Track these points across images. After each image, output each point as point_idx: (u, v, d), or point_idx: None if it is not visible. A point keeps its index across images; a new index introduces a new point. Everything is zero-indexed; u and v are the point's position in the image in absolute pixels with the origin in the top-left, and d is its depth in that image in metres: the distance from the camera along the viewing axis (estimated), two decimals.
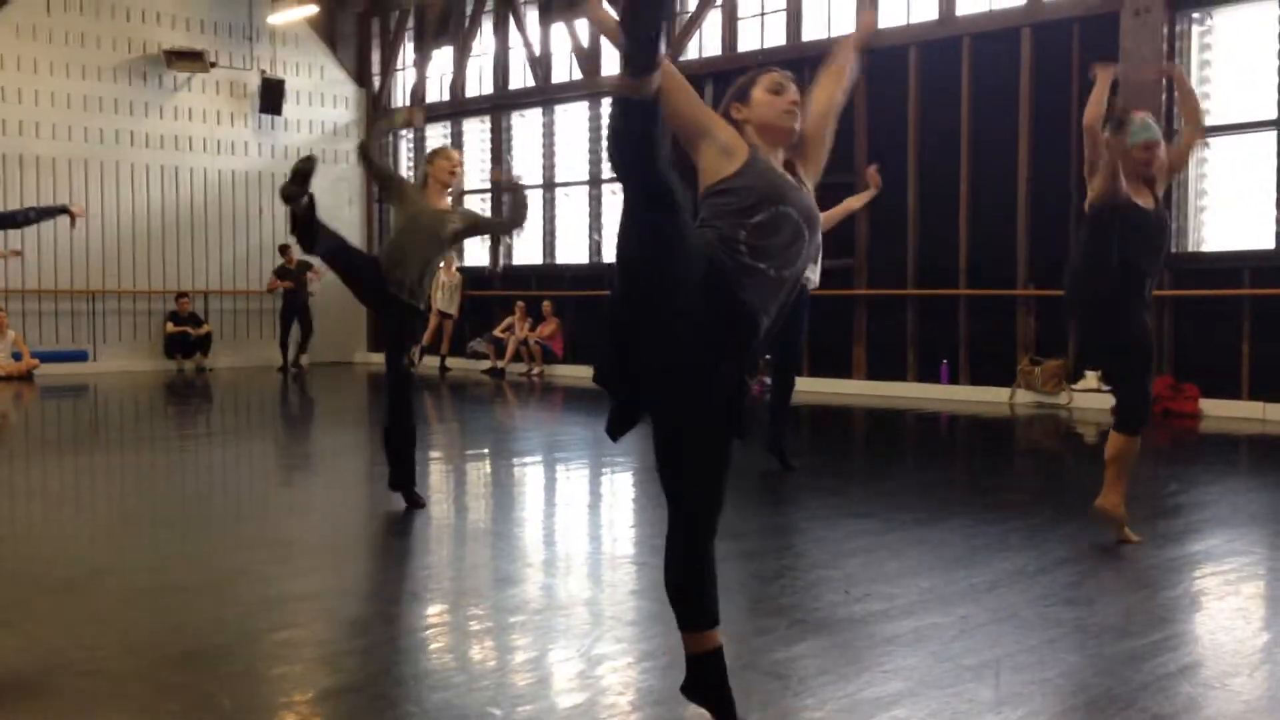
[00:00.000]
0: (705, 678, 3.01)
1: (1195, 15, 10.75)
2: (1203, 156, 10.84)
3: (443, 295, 16.14)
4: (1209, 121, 10.76)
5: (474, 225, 6.47)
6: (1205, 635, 4.02)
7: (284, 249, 16.75)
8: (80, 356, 15.91)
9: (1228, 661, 3.62)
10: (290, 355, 16.54)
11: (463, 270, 16.59)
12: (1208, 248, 10.81)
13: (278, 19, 17.09)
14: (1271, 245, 10.28)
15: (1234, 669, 3.53)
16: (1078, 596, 4.34)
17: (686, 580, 3.02)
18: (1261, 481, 7.50)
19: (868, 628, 3.90)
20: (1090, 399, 10.87)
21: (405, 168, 18.45)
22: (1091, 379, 11.12)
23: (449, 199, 6.38)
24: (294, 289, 16.42)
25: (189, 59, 16.35)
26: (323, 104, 18.04)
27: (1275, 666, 3.63)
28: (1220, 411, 10.27)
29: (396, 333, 6.08)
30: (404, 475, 6.11)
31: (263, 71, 17.09)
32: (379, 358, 17.37)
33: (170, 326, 16.39)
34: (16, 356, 14.75)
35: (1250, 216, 10.50)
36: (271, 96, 17.04)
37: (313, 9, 17.05)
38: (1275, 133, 10.24)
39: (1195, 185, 10.86)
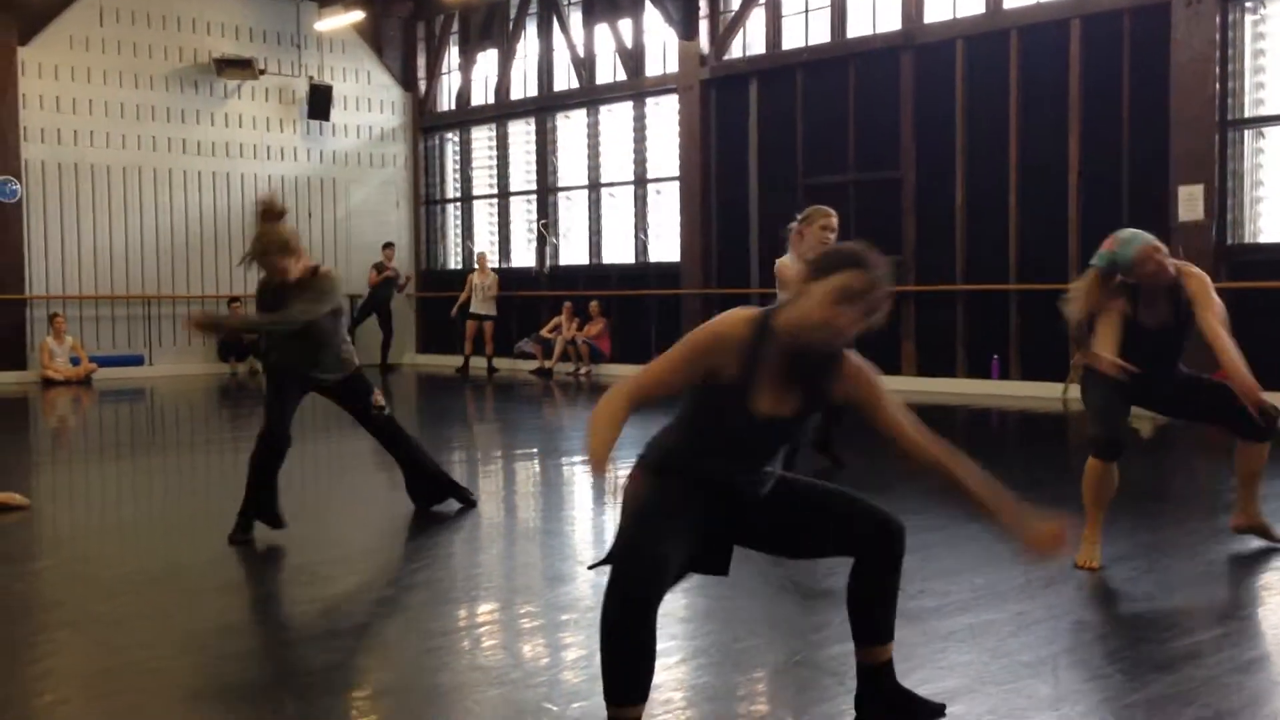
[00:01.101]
0: None
1: (1248, 4, 10.57)
2: (1258, 147, 10.67)
3: (477, 298, 16.19)
4: (1263, 111, 10.60)
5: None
6: (1268, 631, 3.96)
7: (388, 246, 17.06)
8: (136, 361, 16.16)
9: None
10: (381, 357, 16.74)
11: (506, 271, 16.63)
12: (1265, 239, 10.63)
13: (325, 25, 17.27)
14: None
15: None
16: (1136, 592, 4.29)
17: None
18: None
19: (923, 624, 3.87)
20: None
21: (451, 173, 18.57)
22: None
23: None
24: (378, 288, 16.63)
25: (238, 66, 16.56)
26: (370, 109, 18.20)
27: None
28: None
29: (352, 401, 5.94)
30: (432, 486, 6.10)
31: (310, 78, 17.27)
32: (427, 359, 17.55)
33: None
34: (75, 361, 15.01)
35: None
36: (320, 102, 17.21)
37: (359, 15, 17.20)
38: None
39: (1251, 176, 10.68)
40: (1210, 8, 10.46)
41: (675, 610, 4.28)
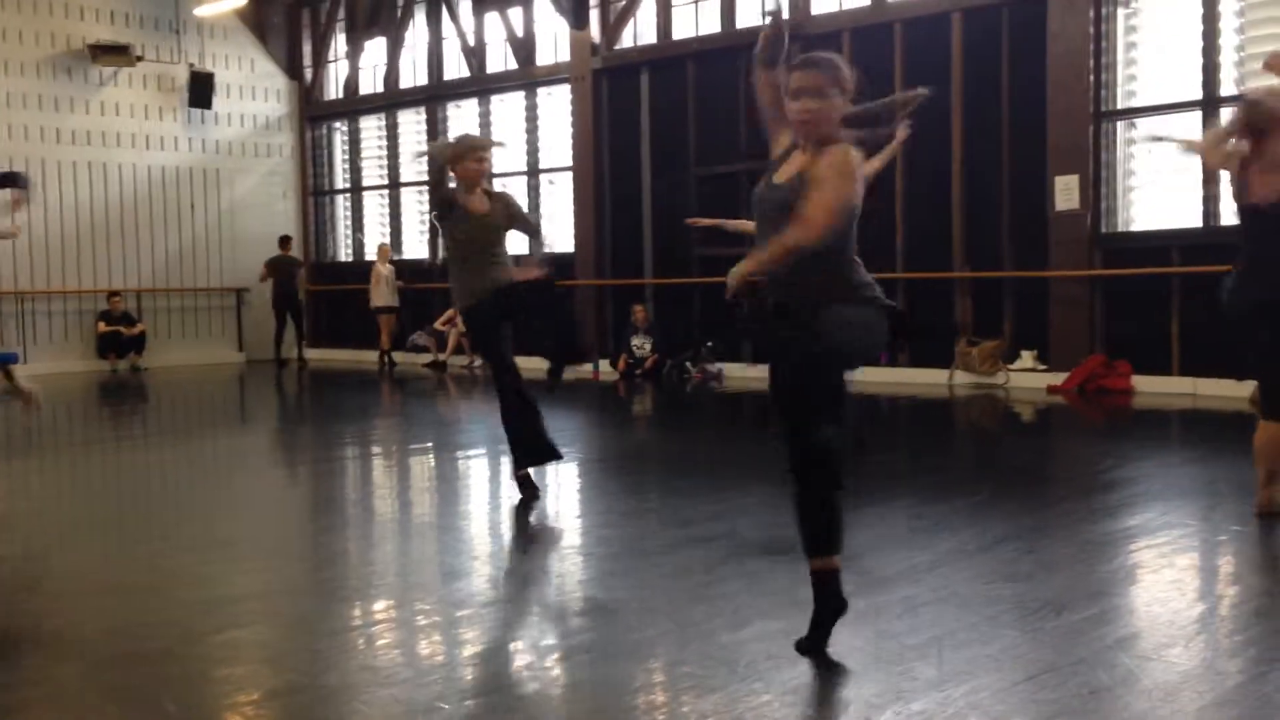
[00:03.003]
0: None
1: None
2: (1130, 138, 11.04)
3: (385, 289, 15.99)
4: (1135, 103, 10.98)
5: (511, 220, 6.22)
6: (1141, 608, 4.11)
7: (285, 240, 16.69)
8: (10, 359, 15.46)
9: (1163, 633, 3.70)
10: (284, 350, 16.44)
11: (398, 263, 16.44)
12: (1137, 227, 11.02)
13: (205, 11, 16.79)
14: (1199, 224, 10.50)
15: (1170, 640, 3.62)
16: (1017, 573, 4.42)
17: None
18: (1193, 456, 7.67)
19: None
20: (1026, 379, 11.04)
21: (340, 163, 18.25)
22: (1027, 358, 11.30)
23: (482, 196, 6.09)
24: (284, 280, 16.32)
25: (114, 53, 16.01)
26: (254, 97, 17.77)
27: (1210, 637, 3.72)
28: (1152, 388, 10.48)
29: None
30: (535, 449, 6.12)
31: (191, 65, 16.79)
32: (317, 353, 17.22)
33: (102, 326, 16.09)
34: None
35: (1177, 196, 10.71)
36: (201, 90, 16.75)
37: (241, 1, 16.78)
38: (1200, 112, 10.45)
39: (1123, 166, 11.06)
40: (1084, 2, 10.79)
41: (570, 604, 4.29)
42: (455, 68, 16.36)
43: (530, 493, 6.08)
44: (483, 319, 6.08)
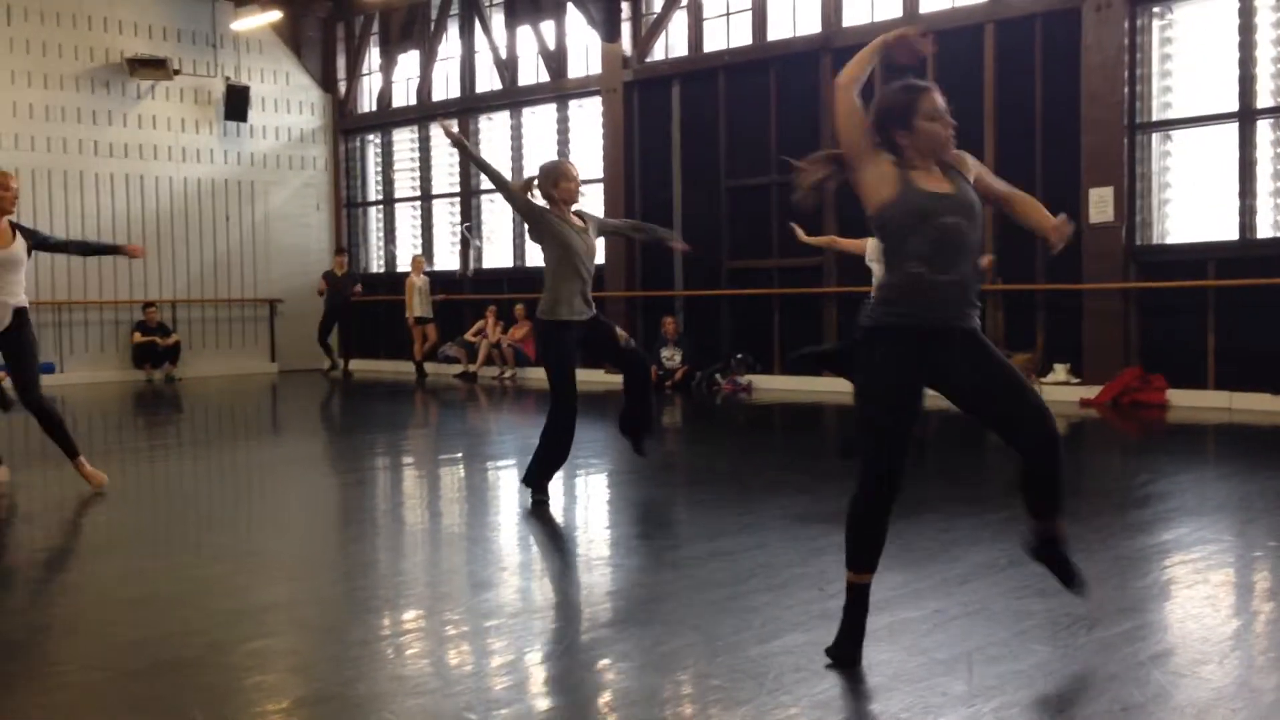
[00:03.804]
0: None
1: (1156, 9, 10.86)
2: (1165, 150, 10.95)
3: (419, 300, 16.08)
4: (1170, 115, 10.89)
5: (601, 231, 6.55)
6: (1175, 624, 4.06)
7: (340, 251, 17.13)
8: (47, 369, 15.74)
9: (1197, 649, 3.66)
10: (339, 360, 16.78)
11: (429, 275, 16.53)
12: (1172, 240, 10.92)
13: (241, 25, 16.99)
14: (1235, 237, 10.40)
15: (1204, 657, 3.57)
16: (1049, 588, 4.36)
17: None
18: (1228, 470, 7.58)
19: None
20: (1059, 392, 10.95)
21: (373, 175, 18.39)
22: (1060, 372, 11.21)
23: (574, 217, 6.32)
24: (337, 291, 16.57)
25: (152, 66, 16.22)
26: (289, 110, 17.94)
27: (1244, 654, 3.67)
28: (1187, 401, 10.37)
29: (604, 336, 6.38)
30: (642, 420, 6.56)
31: (227, 78, 16.98)
32: (352, 364, 17.31)
33: (138, 336, 16.27)
34: None
35: (1214, 209, 10.61)
36: (236, 103, 16.93)
37: (276, 15, 16.95)
38: (1237, 125, 10.36)
39: (1159, 178, 10.97)
40: (1119, 13, 10.73)
41: (598, 615, 4.29)
42: (487, 80, 16.45)
43: (540, 503, 6.23)
44: (564, 340, 6.18)
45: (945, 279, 3.46)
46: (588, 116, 15.30)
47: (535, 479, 6.29)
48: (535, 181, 6.30)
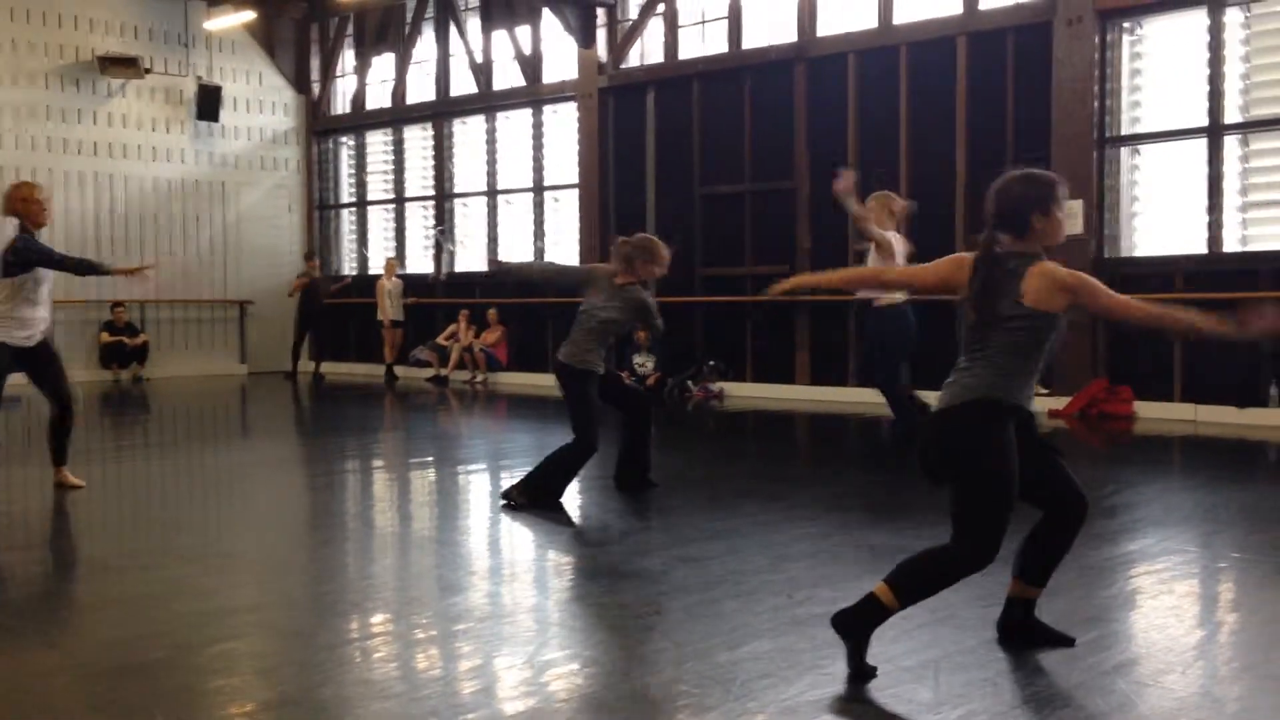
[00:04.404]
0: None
1: (1126, 25, 10.97)
2: (1134, 164, 11.06)
3: (390, 303, 16.03)
4: (1139, 130, 11.00)
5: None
6: (1139, 633, 4.10)
7: (310, 256, 16.89)
8: None
9: (1161, 659, 3.69)
10: (298, 364, 16.47)
11: (402, 278, 16.47)
12: (1140, 252, 11.03)
13: (214, 25, 16.88)
14: (1203, 250, 10.51)
15: (1167, 666, 3.60)
16: None
17: None
18: (1193, 482, 7.65)
19: (809, 630, 3.93)
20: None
21: (346, 178, 18.31)
22: None
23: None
24: (311, 296, 16.29)
25: (123, 65, 16.10)
26: (261, 111, 17.85)
27: (1207, 664, 3.71)
28: (1154, 413, 10.46)
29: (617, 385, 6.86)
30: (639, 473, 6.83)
31: (199, 78, 16.87)
32: (324, 367, 17.21)
33: (105, 336, 16.13)
34: None
35: (1182, 222, 10.72)
36: (208, 103, 16.82)
37: (250, 15, 16.85)
38: (1205, 140, 10.47)
39: (1128, 191, 11.07)
40: (1090, 28, 10.83)
41: (566, 620, 4.29)
42: (462, 84, 16.42)
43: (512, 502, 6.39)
44: (591, 391, 6.54)
45: None
46: (562, 122, 15.30)
47: (533, 494, 6.43)
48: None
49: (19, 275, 6.57)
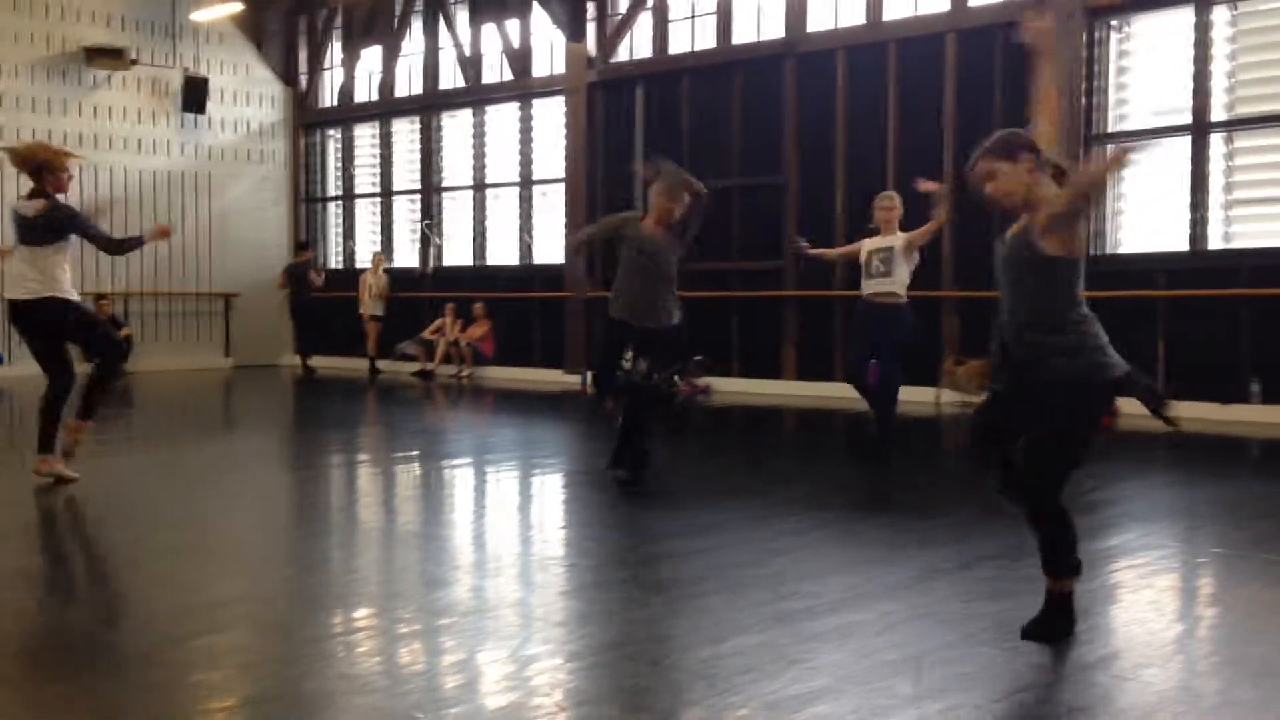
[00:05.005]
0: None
1: (1114, 22, 11.00)
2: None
3: (370, 298, 16.01)
4: (1126, 126, 11.04)
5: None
6: (1120, 628, 4.12)
7: (302, 246, 16.81)
8: None
9: (1141, 653, 3.71)
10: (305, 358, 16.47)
11: (388, 272, 16.44)
12: (1124, 250, 11.06)
13: (201, 16, 16.81)
14: (1186, 248, 10.55)
15: (1147, 660, 3.62)
16: (997, 591, 4.42)
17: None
18: (1175, 478, 7.69)
19: (792, 625, 3.94)
20: None
21: (333, 171, 18.25)
22: None
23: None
24: (297, 288, 16.24)
25: (109, 56, 16.01)
26: (248, 103, 17.78)
27: (1186, 658, 3.73)
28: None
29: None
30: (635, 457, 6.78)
31: (186, 69, 16.80)
32: (308, 360, 17.18)
33: None
34: None
35: (1165, 220, 10.76)
36: (195, 95, 16.75)
37: (237, 6, 16.78)
38: (1190, 137, 10.51)
39: (1112, 189, 11.10)
40: (1077, 25, 10.86)
41: (551, 615, 4.29)
42: (451, 77, 16.39)
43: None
44: (614, 334, 6.90)
45: None
46: (551, 116, 15.27)
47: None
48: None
49: (55, 242, 6.64)
